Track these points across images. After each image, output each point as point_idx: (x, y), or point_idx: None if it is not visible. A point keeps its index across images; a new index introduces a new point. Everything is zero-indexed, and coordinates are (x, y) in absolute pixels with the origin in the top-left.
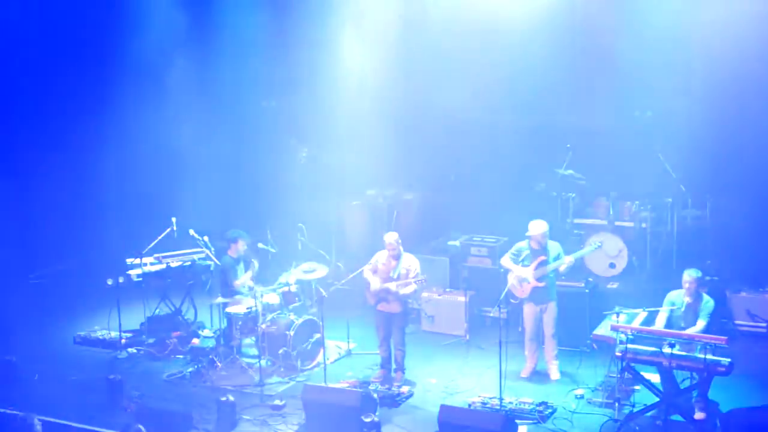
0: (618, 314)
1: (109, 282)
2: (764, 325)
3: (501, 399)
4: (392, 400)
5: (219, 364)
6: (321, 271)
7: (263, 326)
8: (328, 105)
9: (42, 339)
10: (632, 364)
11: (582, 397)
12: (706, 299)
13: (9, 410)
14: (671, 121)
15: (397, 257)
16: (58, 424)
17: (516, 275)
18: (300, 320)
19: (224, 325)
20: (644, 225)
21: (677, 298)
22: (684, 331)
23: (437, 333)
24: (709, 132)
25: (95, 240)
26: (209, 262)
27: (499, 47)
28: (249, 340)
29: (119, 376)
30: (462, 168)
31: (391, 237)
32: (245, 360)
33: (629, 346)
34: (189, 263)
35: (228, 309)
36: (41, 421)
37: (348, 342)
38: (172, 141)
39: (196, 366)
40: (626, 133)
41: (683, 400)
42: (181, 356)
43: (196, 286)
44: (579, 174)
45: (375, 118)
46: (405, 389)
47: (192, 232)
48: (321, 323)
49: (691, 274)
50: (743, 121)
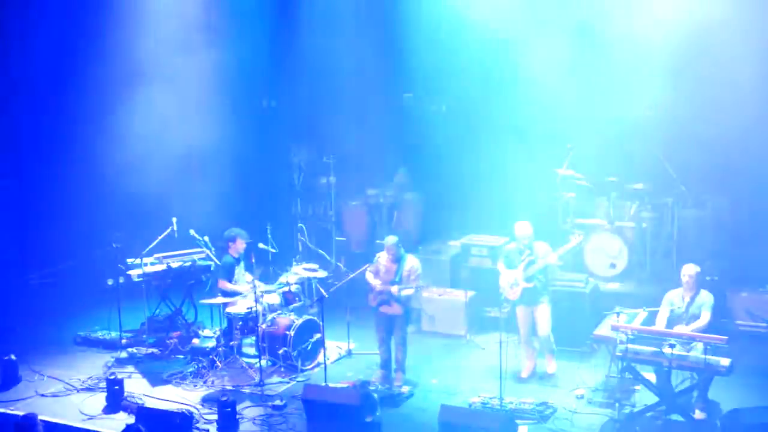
0: (618, 314)
1: (110, 282)
2: (764, 325)
3: (501, 399)
4: (392, 400)
5: (219, 364)
6: (320, 272)
7: (263, 326)
8: (329, 105)
9: (42, 339)
10: (632, 364)
11: (582, 397)
12: (705, 294)
13: (9, 410)
14: (671, 121)
15: (398, 260)
16: (58, 424)
17: (506, 278)
18: (300, 320)
19: (224, 325)
20: (644, 225)
21: (676, 297)
22: (688, 326)
23: (437, 333)
24: (710, 132)
25: (95, 240)
26: (209, 262)
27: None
28: (249, 340)
29: (119, 376)
30: (462, 168)
31: (390, 240)
32: (245, 360)
33: (629, 346)
34: (189, 263)
35: (228, 309)
36: (42, 422)
37: (348, 342)
38: (172, 141)
39: (196, 366)
40: (626, 133)
41: (683, 400)
42: (181, 356)
43: (196, 286)
44: (579, 174)
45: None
46: (405, 389)
47: (192, 232)
48: (321, 323)
49: (690, 269)
50: (744, 121)
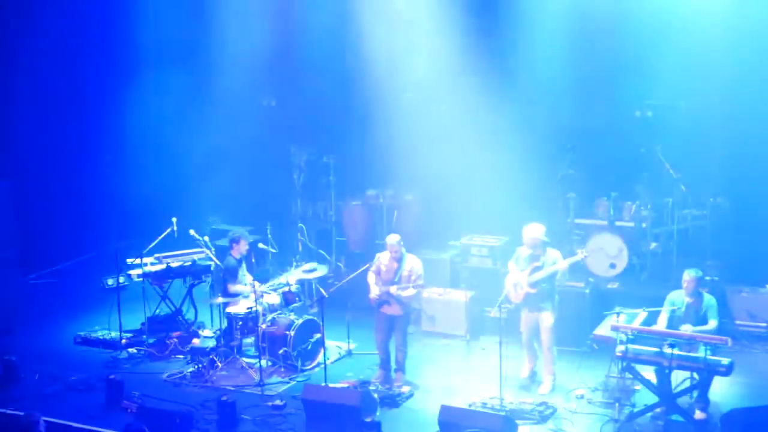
0: (618, 314)
1: (110, 282)
2: (764, 325)
3: (501, 399)
4: (392, 400)
5: (219, 364)
6: (320, 270)
7: (263, 326)
8: (329, 105)
9: (42, 339)
10: (633, 364)
11: (582, 397)
12: (708, 298)
13: (10, 410)
14: (671, 121)
15: (399, 259)
16: (59, 424)
17: (512, 280)
18: (300, 320)
19: (224, 325)
20: (644, 225)
21: (677, 298)
22: (686, 330)
23: (437, 333)
24: (710, 132)
25: (95, 240)
26: (209, 262)
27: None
28: (249, 340)
29: (119, 376)
30: (462, 168)
31: (393, 239)
32: (245, 360)
33: (629, 346)
34: (189, 263)
35: (228, 309)
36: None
37: (348, 342)
38: (172, 141)
39: (196, 366)
40: (626, 133)
41: (683, 400)
42: (181, 356)
43: (196, 286)
44: (579, 174)
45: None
46: (405, 389)
47: (192, 232)
48: (321, 323)
49: (690, 274)
50: (744, 121)
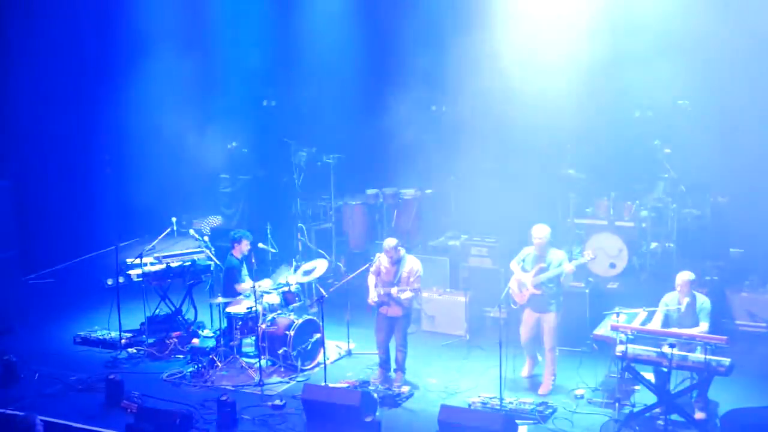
0: (618, 314)
1: (109, 282)
2: (764, 325)
3: (501, 399)
4: (392, 400)
5: (219, 364)
6: (321, 268)
7: (263, 326)
8: (329, 104)
9: (42, 339)
10: (632, 364)
11: (582, 397)
12: (702, 299)
13: (9, 411)
14: (671, 121)
15: (397, 262)
16: (58, 424)
17: (517, 280)
18: (300, 320)
19: (224, 325)
20: (644, 225)
21: (672, 300)
22: (684, 329)
23: (437, 333)
24: (710, 131)
25: (95, 240)
26: (209, 262)
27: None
28: (249, 340)
29: (119, 376)
30: (462, 168)
31: (389, 243)
32: (245, 360)
33: (629, 346)
34: (189, 263)
35: (228, 309)
36: (42, 422)
37: (348, 342)
38: (172, 141)
39: (196, 366)
40: (626, 133)
41: (683, 400)
42: (181, 356)
43: (196, 286)
44: (579, 174)
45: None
46: (405, 389)
47: (192, 232)
48: (321, 323)
49: (683, 277)
50: (744, 121)
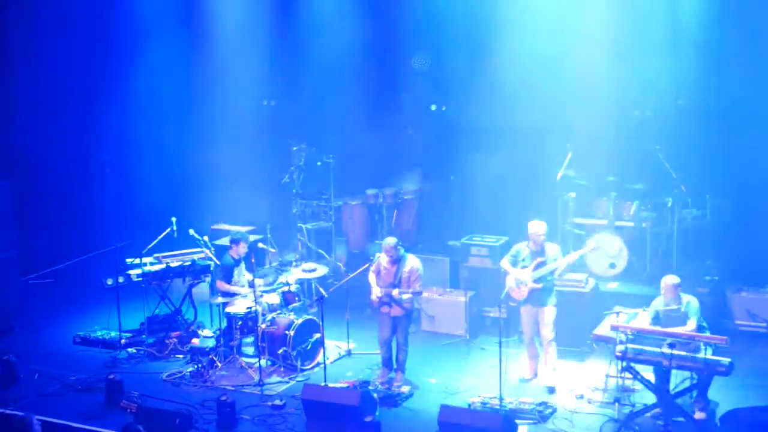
0: (618, 314)
1: (109, 282)
2: (764, 325)
3: (501, 399)
4: (392, 400)
5: (218, 364)
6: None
7: (263, 326)
8: (329, 104)
9: (42, 339)
10: (632, 364)
11: (582, 397)
12: (687, 299)
13: (9, 411)
14: (671, 121)
15: (397, 261)
16: (58, 424)
17: (514, 277)
18: (300, 320)
19: (224, 325)
20: (644, 225)
21: (660, 304)
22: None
23: (437, 333)
24: (710, 131)
25: (95, 240)
26: (209, 262)
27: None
28: (248, 340)
29: (119, 376)
30: (462, 168)
31: (388, 243)
32: (245, 360)
33: (629, 346)
34: (189, 263)
35: (228, 309)
36: (41, 421)
37: (348, 342)
38: (172, 141)
39: (196, 366)
40: (626, 133)
41: (682, 400)
42: (181, 356)
43: (196, 286)
44: (579, 174)
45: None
46: (405, 389)
47: (192, 232)
48: (321, 323)
49: (667, 281)
50: (744, 120)
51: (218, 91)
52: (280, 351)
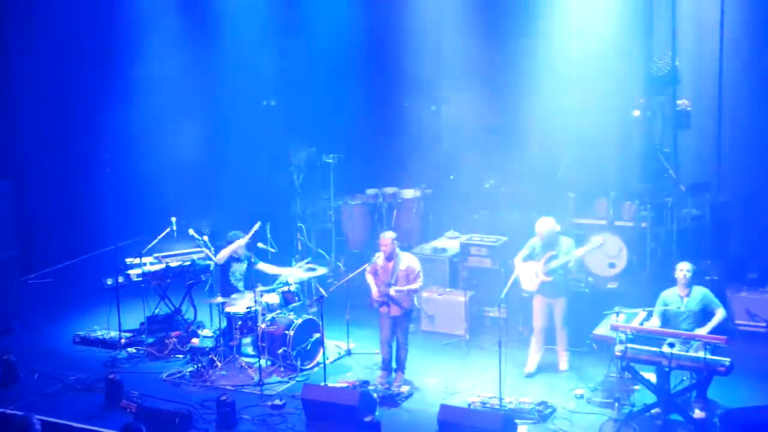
0: (618, 314)
1: (109, 282)
2: (764, 325)
3: (501, 399)
4: (392, 400)
5: (218, 364)
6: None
7: (263, 326)
8: (329, 104)
9: (42, 339)
10: (632, 364)
11: (582, 397)
12: (698, 290)
13: (9, 410)
14: (670, 121)
15: (391, 257)
16: (58, 424)
17: (527, 270)
18: (300, 320)
19: (224, 325)
20: (644, 225)
21: (671, 297)
22: (710, 323)
23: (437, 333)
24: (710, 130)
25: (95, 240)
26: (209, 262)
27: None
28: (248, 340)
29: (118, 376)
30: (462, 168)
31: (387, 235)
32: (245, 360)
33: (629, 346)
34: (189, 263)
35: (227, 309)
36: (41, 421)
37: (348, 342)
38: (172, 141)
39: (196, 366)
40: (626, 133)
41: (682, 400)
42: (181, 356)
43: (196, 286)
44: (579, 174)
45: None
46: (405, 389)
47: (192, 232)
48: (321, 323)
49: (686, 265)
50: (744, 120)
51: (218, 91)
52: (280, 351)
